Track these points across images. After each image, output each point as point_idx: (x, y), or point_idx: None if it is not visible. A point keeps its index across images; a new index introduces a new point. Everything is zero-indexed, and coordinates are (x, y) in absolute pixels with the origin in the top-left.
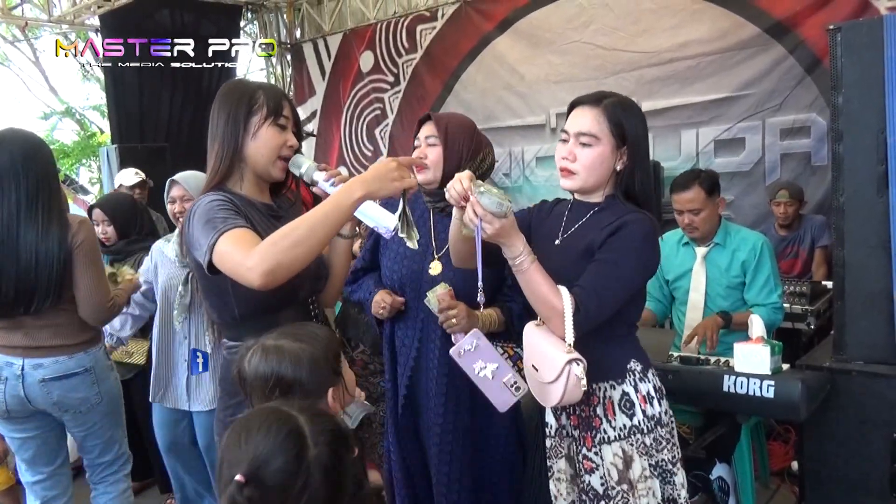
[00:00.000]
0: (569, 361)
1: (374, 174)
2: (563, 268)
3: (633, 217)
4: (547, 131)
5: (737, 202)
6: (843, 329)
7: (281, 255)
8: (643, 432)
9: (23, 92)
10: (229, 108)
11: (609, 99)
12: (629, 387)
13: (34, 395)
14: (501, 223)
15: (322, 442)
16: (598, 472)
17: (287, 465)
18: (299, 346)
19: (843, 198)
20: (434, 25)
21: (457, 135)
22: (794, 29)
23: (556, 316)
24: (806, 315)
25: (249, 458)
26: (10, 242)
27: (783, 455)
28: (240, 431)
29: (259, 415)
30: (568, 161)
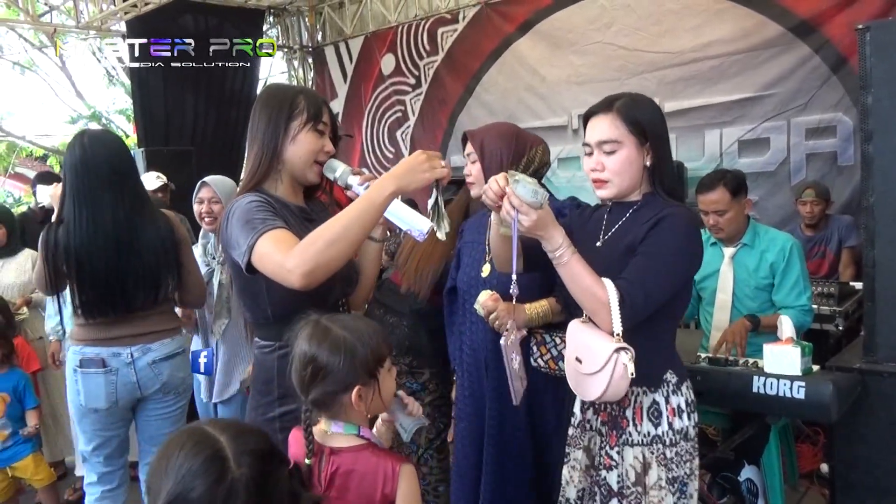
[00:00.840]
0: (616, 350)
1: (404, 168)
2: (606, 268)
3: (672, 210)
4: (569, 132)
5: (761, 203)
6: (873, 330)
7: (318, 255)
8: (665, 444)
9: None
10: (270, 112)
11: (619, 100)
12: (660, 397)
13: (145, 378)
14: (538, 214)
15: (246, 462)
16: (617, 471)
17: (208, 491)
18: (344, 335)
19: (873, 198)
20: (455, 28)
21: (493, 146)
22: (819, 28)
23: (602, 307)
24: (834, 316)
25: (169, 487)
26: (133, 243)
27: (812, 457)
28: (161, 457)
29: (179, 438)
30: (598, 172)
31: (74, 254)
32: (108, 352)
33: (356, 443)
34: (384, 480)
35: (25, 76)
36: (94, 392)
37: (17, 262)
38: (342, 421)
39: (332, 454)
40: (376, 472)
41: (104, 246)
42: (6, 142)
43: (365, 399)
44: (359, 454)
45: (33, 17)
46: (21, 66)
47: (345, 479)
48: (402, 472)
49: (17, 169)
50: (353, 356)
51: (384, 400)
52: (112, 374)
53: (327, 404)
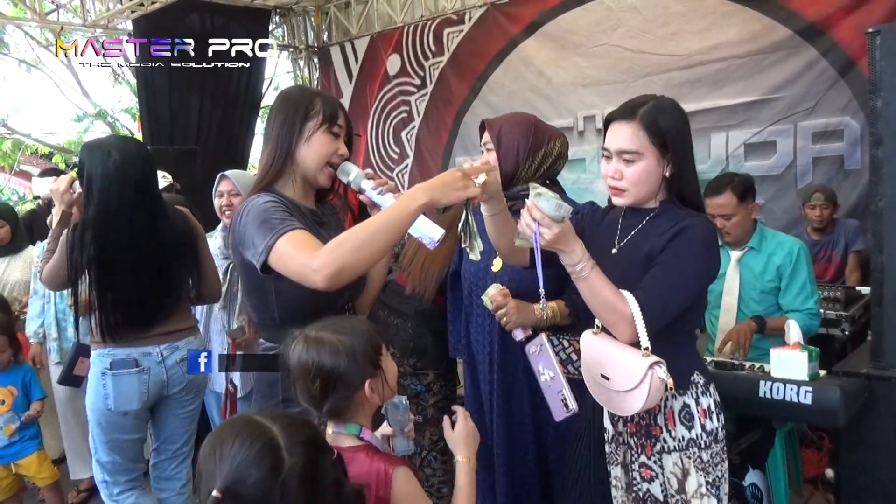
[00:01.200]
0: (651, 365)
1: (438, 182)
2: (622, 276)
3: (692, 221)
4: (574, 134)
5: (767, 206)
6: (881, 335)
7: (346, 258)
8: (700, 447)
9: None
10: (286, 112)
11: (643, 107)
12: (690, 399)
13: (174, 376)
14: (560, 228)
15: (297, 452)
16: (659, 480)
17: (263, 479)
18: (338, 338)
19: (882, 202)
20: (461, 29)
21: (510, 136)
22: (827, 31)
23: (622, 321)
24: (840, 321)
25: (224, 473)
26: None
27: (816, 462)
28: (214, 444)
29: (233, 426)
30: (616, 180)
31: (107, 262)
32: (138, 352)
33: (354, 444)
34: (377, 483)
35: (32, 74)
36: (127, 394)
37: (23, 258)
38: (346, 422)
39: None
40: (369, 475)
41: (135, 252)
42: (12, 139)
43: (377, 390)
44: (354, 456)
45: (40, 15)
46: (27, 64)
47: None
48: (395, 475)
49: (22, 166)
50: (354, 354)
51: (390, 384)
52: (144, 373)
53: (342, 410)
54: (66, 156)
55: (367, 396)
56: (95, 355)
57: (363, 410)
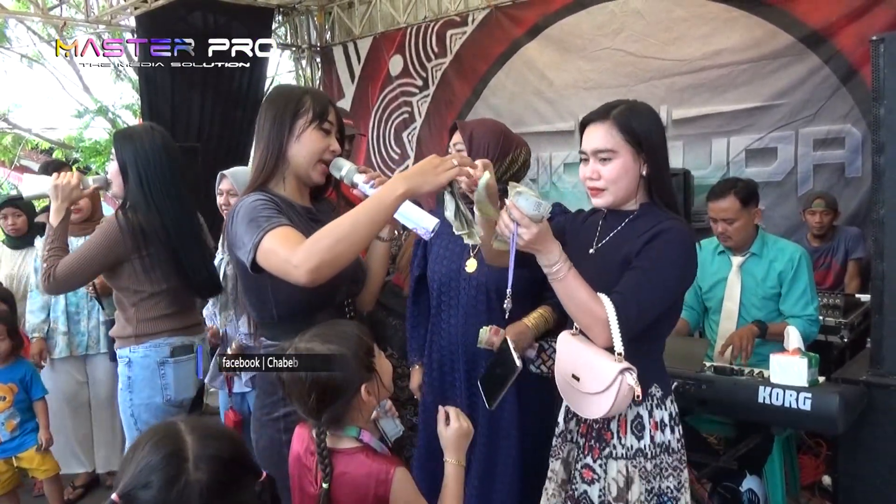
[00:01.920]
0: (621, 371)
1: (416, 169)
2: (598, 277)
3: (669, 224)
4: (575, 138)
5: (767, 212)
6: (880, 343)
7: (325, 252)
8: (646, 457)
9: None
10: (276, 110)
11: (616, 109)
12: (644, 410)
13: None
14: (538, 228)
15: (205, 468)
16: (599, 484)
17: (160, 489)
18: (329, 347)
19: (884, 210)
20: (464, 30)
21: (481, 139)
22: (829, 39)
23: (597, 324)
24: (839, 328)
25: (127, 477)
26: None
27: (814, 469)
28: (133, 446)
29: (154, 430)
30: (594, 180)
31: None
32: (195, 339)
33: (353, 445)
34: (377, 483)
35: (33, 69)
36: (185, 382)
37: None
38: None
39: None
40: (369, 475)
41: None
42: (12, 134)
43: (373, 391)
44: (354, 457)
45: (43, 10)
46: (29, 59)
47: (338, 480)
48: (395, 476)
49: (22, 161)
50: (346, 363)
51: (385, 384)
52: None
53: (341, 417)
54: (66, 151)
55: (365, 400)
56: (149, 346)
57: (361, 413)
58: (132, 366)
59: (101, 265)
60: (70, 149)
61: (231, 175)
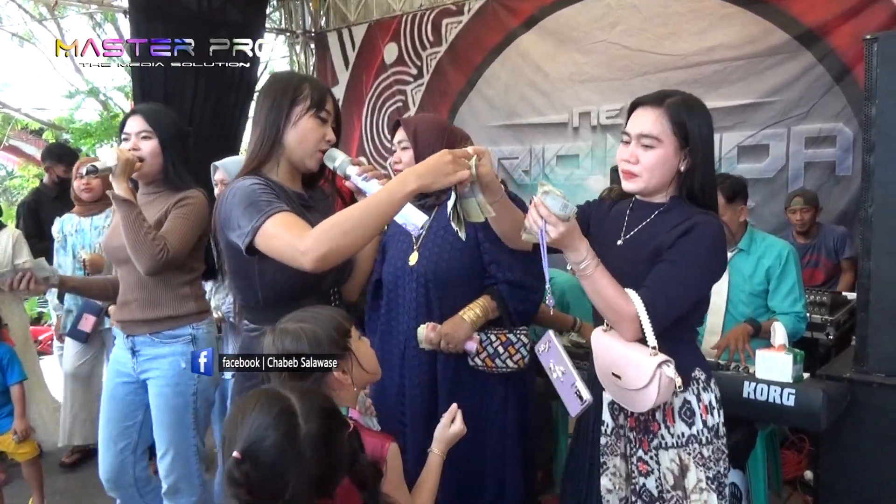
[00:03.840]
0: (659, 364)
1: (427, 167)
2: (627, 269)
3: (702, 219)
4: (569, 130)
5: (758, 209)
6: (865, 341)
7: (333, 242)
8: (701, 443)
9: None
10: (274, 96)
11: (672, 98)
12: (692, 395)
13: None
14: (566, 226)
15: (313, 419)
16: (654, 476)
17: (279, 442)
18: (301, 325)
19: (872, 209)
20: (460, 20)
21: (426, 136)
22: (824, 37)
23: (625, 320)
24: (825, 325)
25: (244, 436)
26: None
27: (796, 464)
28: (237, 412)
29: (255, 395)
30: (630, 163)
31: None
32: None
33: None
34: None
35: (24, 48)
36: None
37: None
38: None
39: None
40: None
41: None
42: (1, 114)
43: (348, 370)
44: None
45: None
46: (20, 38)
47: None
48: (390, 451)
49: (11, 141)
50: (317, 339)
51: (366, 368)
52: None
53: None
54: (56, 132)
55: (338, 378)
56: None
57: (344, 393)
58: (197, 342)
59: (195, 238)
60: (60, 130)
61: (222, 166)
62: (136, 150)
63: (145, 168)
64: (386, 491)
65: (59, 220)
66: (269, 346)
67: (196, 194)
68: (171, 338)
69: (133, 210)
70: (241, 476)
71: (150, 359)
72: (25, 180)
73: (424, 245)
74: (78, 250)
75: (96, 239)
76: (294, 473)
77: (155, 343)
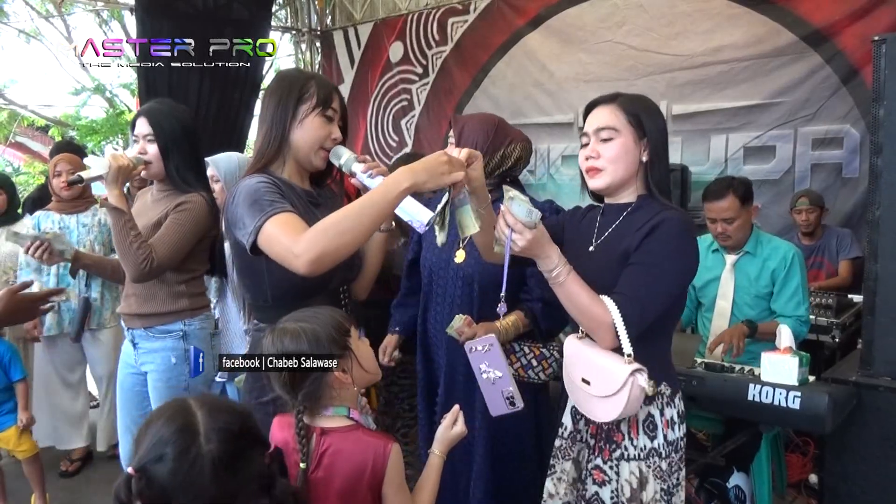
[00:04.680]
0: (632, 372)
1: (423, 166)
2: (598, 274)
3: (667, 215)
4: (574, 130)
5: (764, 211)
6: (871, 344)
7: (327, 243)
8: (661, 456)
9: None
10: (280, 94)
11: (623, 96)
12: (655, 409)
13: None
14: (533, 234)
15: (217, 439)
16: (610, 486)
17: (175, 461)
18: (300, 325)
19: (879, 211)
20: (466, 19)
21: (471, 133)
22: (832, 38)
23: (600, 327)
24: (831, 327)
25: (142, 451)
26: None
27: (801, 467)
28: (147, 422)
29: (165, 407)
30: (593, 159)
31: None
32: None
33: (346, 423)
34: (374, 457)
35: (31, 45)
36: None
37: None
38: (333, 405)
39: (323, 434)
40: (366, 452)
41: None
42: (8, 110)
43: (348, 370)
44: (348, 434)
45: None
46: (26, 35)
47: (333, 458)
48: (392, 451)
49: (17, 138)
50: (317, 339)
51: (366, 368)
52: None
53: (318, 393)
54: (62, 129)
55: (339, 377)
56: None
57: (344, 393)
58: (188, 338)
59: (190, 244)
60: (66, 126)
61: (213, 162)
62: (144, 154)
63: (153, 170)
64: (387, 491)
65: (34, 217)
66: (269, 347)
67: (195, 198)
68: (163, 332)
69: (122, 218)
70: (134, 494)
71: (146, 352)
72: (31, 176)
73: (472, 245)
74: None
75: (85, 236)
76: (189, 496)
77: (149, 337)
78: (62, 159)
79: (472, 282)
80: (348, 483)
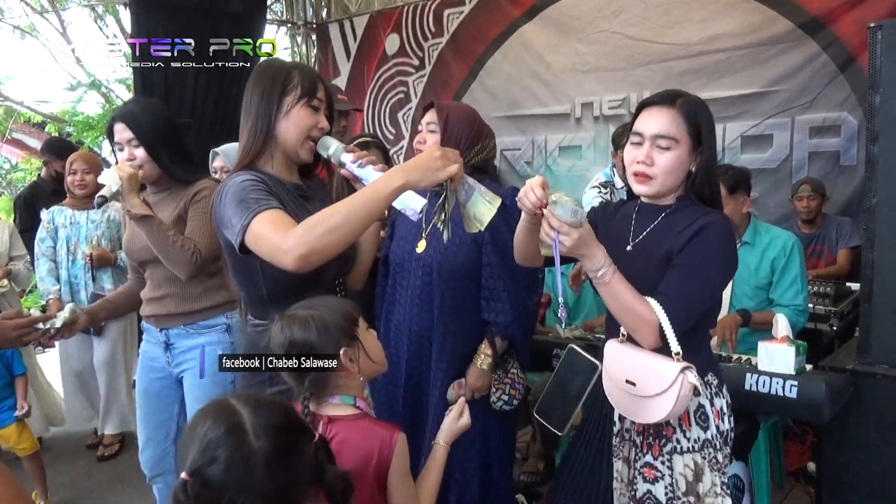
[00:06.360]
0: (682, 370)
1: (416, 163)
2: (638, 275)
3: (711, 219)
4: (571, 121)
5: (761, 199)
6: (868, 332)
7: (316, 241)
8: (716, 448)
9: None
10: (263, 87)
11: (682, 98)
12: (705, 399)
13: None
14: (579, 233)
15: (265, 436)
16: (664, 482)
17: (229, 461)
18: (309, 313)
19: (876, 199)
20: (461, 10)
21: (456, 123)
22: (828, 25)
23: (643, 326)
24: (829, 316)
25: (193, 455)
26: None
27: (799, 456)
28: (190, 427)
29: (207, 410)
30: (645, 165)
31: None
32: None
33: (352, 412)
34: (381, 447)
35: (26, 41)
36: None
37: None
38: (340, 394)
39: (330, 422)
40: (373, 440)
41: None
42: (4, 107)
43: (355, 359)
44: (354, 423)
45: None
46: (21, 31)
47: (340, 446)
48: (398, 440)
49: (14, 135)
50: (326, 326)
51: (373, 358)
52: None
53: (324, 382)
54: (59, 125)
55: (345, 364)
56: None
57: (351, 381)
58: (232, 331)
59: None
60: (63, 122)
61: (223, 152)
62: (132, 160)
63: (146, 172)
64: (392, 480)
65: (49, 211)
66: (277, 334)
67: (209, 184)
68: (206, 328)
69: (153, 223)
70: (191, 498)
71: (185, 350)
72: (28, 173)
73: (433, 234)
74: (73, 243)
75: (94, 232)
76: (245, 494)
77: (190, 334)
78: (78, 158)
79: (432, 271)
80: (354, 471)
